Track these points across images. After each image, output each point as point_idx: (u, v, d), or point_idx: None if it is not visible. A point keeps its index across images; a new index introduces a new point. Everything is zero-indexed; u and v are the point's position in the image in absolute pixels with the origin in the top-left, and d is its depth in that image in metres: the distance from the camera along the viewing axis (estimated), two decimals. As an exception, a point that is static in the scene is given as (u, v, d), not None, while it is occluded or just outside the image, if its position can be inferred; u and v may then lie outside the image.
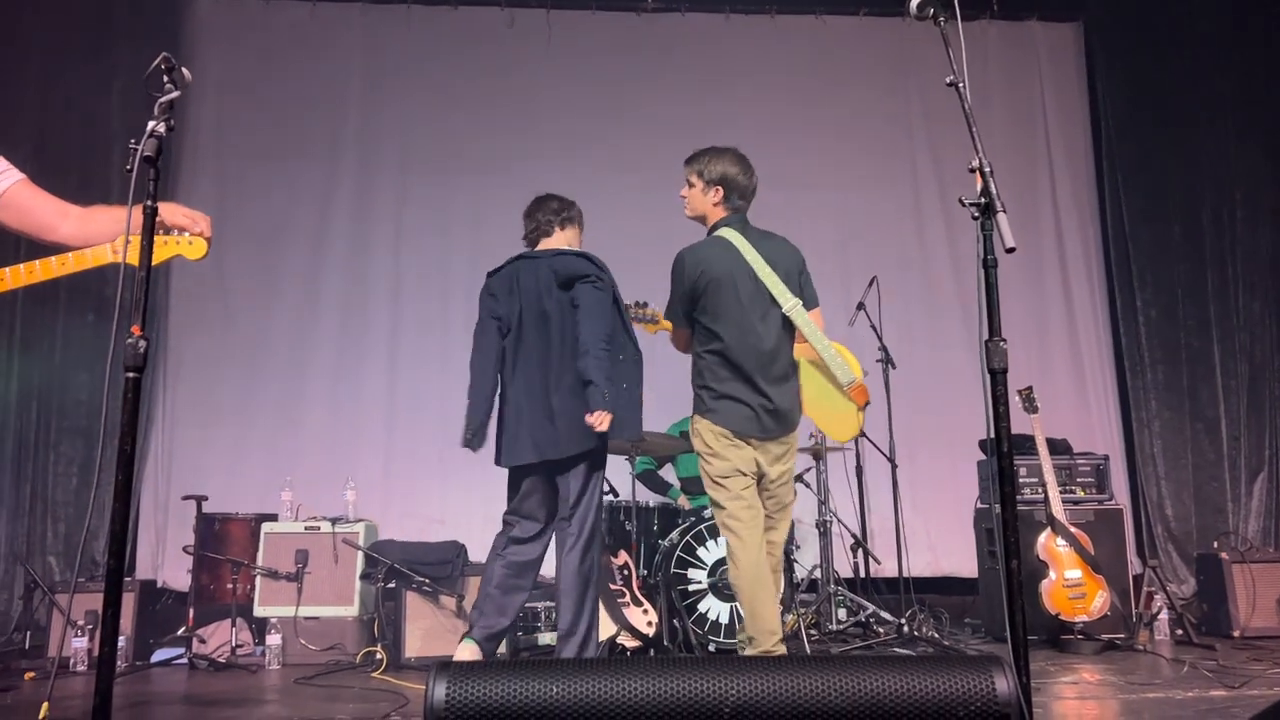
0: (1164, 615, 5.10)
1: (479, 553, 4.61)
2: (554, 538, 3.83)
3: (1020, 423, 4.26)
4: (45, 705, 2.45)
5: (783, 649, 3.46)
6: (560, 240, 4.00)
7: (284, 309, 6.49)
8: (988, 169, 2.34)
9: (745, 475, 3.54)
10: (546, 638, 4.90)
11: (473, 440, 3.74)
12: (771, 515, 3.62)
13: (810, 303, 3.67)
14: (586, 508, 3.77)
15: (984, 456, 5.46)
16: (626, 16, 6.98)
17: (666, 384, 6.25)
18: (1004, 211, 2.31)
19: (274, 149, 6.63)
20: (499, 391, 3.86)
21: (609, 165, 6.75)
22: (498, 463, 3.88)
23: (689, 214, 3.83)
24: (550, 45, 6.86)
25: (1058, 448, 5.36)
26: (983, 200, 2.33)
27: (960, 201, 2.37)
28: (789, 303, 3.58)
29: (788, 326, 3.63)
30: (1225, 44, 6.82)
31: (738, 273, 3.58)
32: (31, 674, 4.42)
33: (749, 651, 3.43)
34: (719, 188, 3.67)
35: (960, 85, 2.44)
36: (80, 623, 4.61)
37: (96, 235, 2.81)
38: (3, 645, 5.38)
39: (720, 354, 3.58)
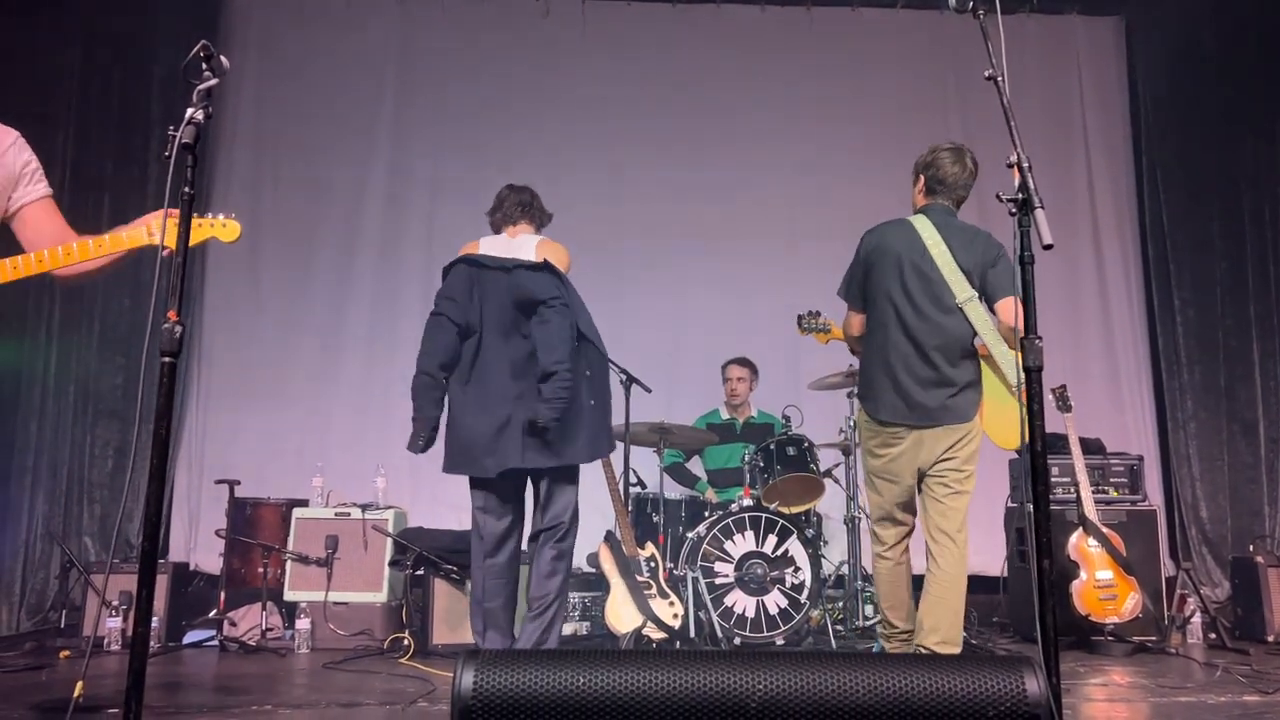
0: (1197, 618, 5.02)
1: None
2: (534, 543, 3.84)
3: (1053, 421, 4.20)
4: (80, 684, 2.49)
5: (899, 642, 3.60)
6: (522, 229, 4.01)
7: (317, 296, 6.56)
8: (1026, 164, 2.31)
9: (893, 482, 3.59)
10: (570, 627, 4.92)
11: (425, 446, 3.71)
12: (941, 500, 3.56)
13: (996, 294, 3.54)
14: (570, 517, 3.81)
15: (1015, 455, 5.40)
16: (661, 8, 6.97)
17: (693, 377, 6.28)
18: (1042, 208, 2.28)
19: (309, 136, 6.68)
20: (448, 397, 3.78)
21: (642, 156, 6.76)
22: (471, 471, 3.79)
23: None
24: (585, 36, 6.87)
25: (1091, 447, 5.30)
26: (1020, 196, 2.30)
27: (998, 197, 2.35)
28: (962, 296, 3.52)
29: (966, 317, 3.55)
30: (1270, 41, 6.69)
31: (910, 255, 3.56)
32: (67, 652, 4.49)
33: (878, 629, 3.73)
34: (922, 176, 3.71)
35: (999, 79, 2.41)
36: (114, 603, 4.68)
37: (81, 268, 2.83)
38: (38, 624, 5.49)
39: (879, 334, 3.60)
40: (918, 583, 3.63)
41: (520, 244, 3.96)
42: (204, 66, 2.34)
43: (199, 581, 5.69)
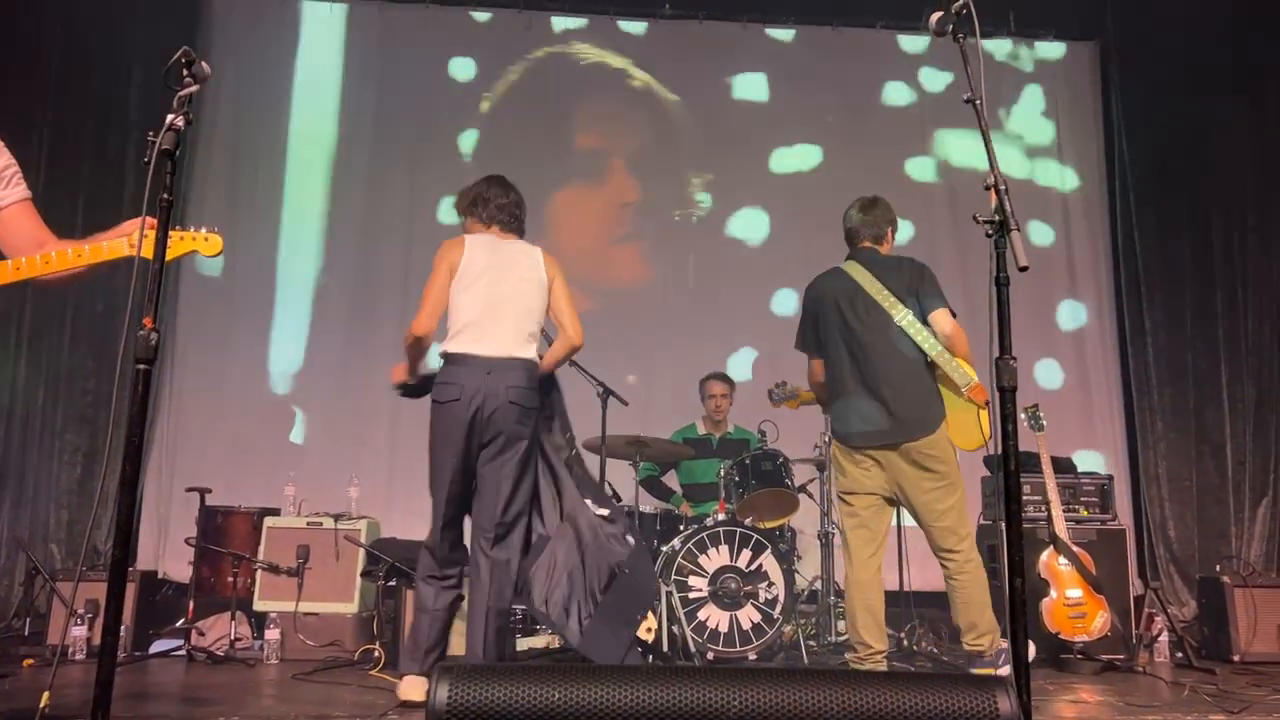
0: (1164, 637, 5.07)
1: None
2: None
3: (1025, 440, 4.24)
4: (46, 695, 2.45)
5: (872, 664, 3.79)
6: (511, 237, 3.89)
7: (291, 302, 6.51)
8: (1003, 187, 2.35)
9: (862, 495, 3.88)
10: (543, 640, 4.90)
11: None
12: (932, 525, 3.87)
13: (929, 308, 3.90)
14: None
15: (988, 473, 5.45)
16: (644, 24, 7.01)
17: (669, 391, 6.29)
18: (1018, 230, 2.31)
19: (285, 144, 6.66)
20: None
21: (627, 167, 6.78)
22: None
23: None
24: (571, 46, 6.89)
25: (1062, 466, 5.33)
26: (997, 218, 2.34)
27: (974, 219, 2.38)
28: (899, 314, 3.88)
29: (909, 337, 3.90)
30: (1241, 69, 6.81)
31: (848, 293, 3.95)
32: (30, 660, 4.42)
33: (847, 655, 3.93)
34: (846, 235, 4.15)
35: (978, 102, 2.45)
36: (81, 611, 4.62)
37: (58, 275, 2.80)
38: (2, 631, 5.39)
39: (839, 371, 3.94)
40: (891, 598, 3.78)
41: (517, 252, 3.84)
42: (185, 72, 2.33)
43: (167, 590, 5.62)
